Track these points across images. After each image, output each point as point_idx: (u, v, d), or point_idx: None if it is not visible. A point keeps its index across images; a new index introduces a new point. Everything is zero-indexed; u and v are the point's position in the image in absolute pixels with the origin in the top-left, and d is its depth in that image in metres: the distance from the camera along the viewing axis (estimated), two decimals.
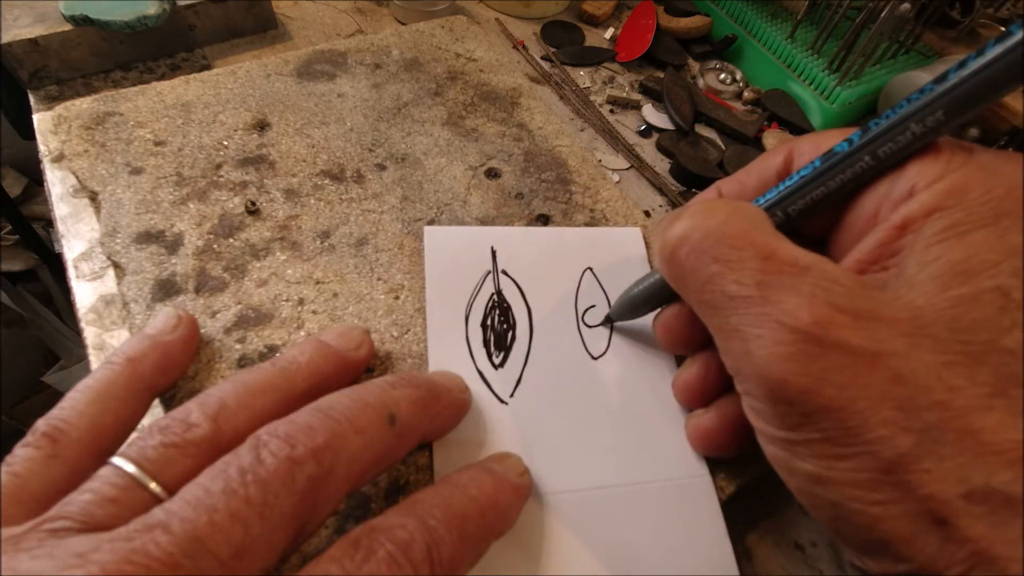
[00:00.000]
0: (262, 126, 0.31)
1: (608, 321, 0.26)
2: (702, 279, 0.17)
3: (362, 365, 0.22)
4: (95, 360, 0.24)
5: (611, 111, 0.42)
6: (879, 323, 0.14)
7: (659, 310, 0.23)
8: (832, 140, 0.18)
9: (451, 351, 0.24)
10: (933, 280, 0.15)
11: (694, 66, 0.47)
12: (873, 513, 0.14)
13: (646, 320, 0.26)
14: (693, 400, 0.23)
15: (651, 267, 0.28)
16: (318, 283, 0.26)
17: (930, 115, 0.16)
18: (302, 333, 0.24)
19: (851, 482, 0.14)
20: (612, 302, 0.26)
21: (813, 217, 0.19)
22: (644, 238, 0.29)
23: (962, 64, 0.15)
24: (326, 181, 0.29)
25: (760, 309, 0.15)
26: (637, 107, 0.42)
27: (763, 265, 0.16)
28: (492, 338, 0.25)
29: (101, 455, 0.17)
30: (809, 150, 0.20)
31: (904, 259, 0.16)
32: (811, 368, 0.14)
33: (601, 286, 0.27)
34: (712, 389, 0.22)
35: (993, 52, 0.15)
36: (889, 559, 0.14)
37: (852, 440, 0.14)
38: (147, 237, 0.26)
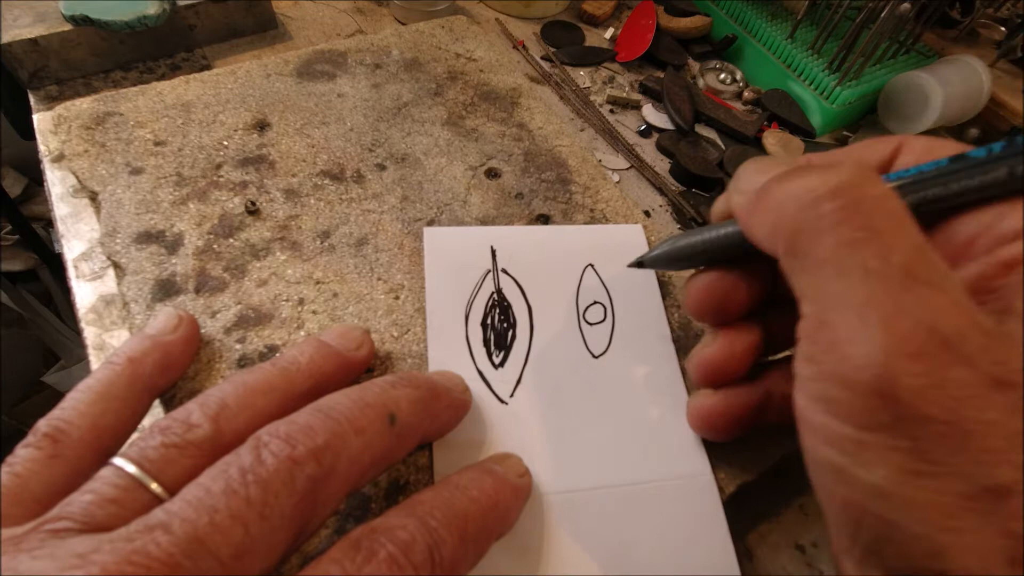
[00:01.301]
0: (262, 126, 0.31)
1: (639, 264, 0.25)
2: (842, 238, 0.15)
3: (362, 365, 0.22)
4: (95, 360, 0.24)
5: (611, 111, 0.42)
6: (1012, 352, 0.14)
7: (696, 270, 0.22)
8: (946, 149, 0.17)
9: (451, 351, 0.24)
10: None
11: (694, 66, 0.47)
12: (941, 540, 0.13)
13: (646, 319, 0.26)
14: (708, 378, 0.22)
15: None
16: (318, 283, 0.26)
17: None
18: (302, 333, 0.24)
19: (926, 503, 0.13)
20: (652, 257, 0.24)
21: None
22: (646, 236, 0.29)
23: None
24: (326, 181, 0.29)
25: (900, 295, 0.14)
26: (637, 107, 0.42)
27: (915, 253, 0.14)
28: (492, 337, 0.25)
29: (102, 455, 0.17)
30: (919, 151, 0.18)
31: (1011, 297, 0.15)
32: (935, 374, 0.13)
33: (603, 283, 0.27)
34: (732, 371, 0.21)
35: None
36: None
37: (945, 459, 0.13)
38: (147, 237, 0.26)
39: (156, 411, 0.21)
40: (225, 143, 0.30)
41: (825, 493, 0.16)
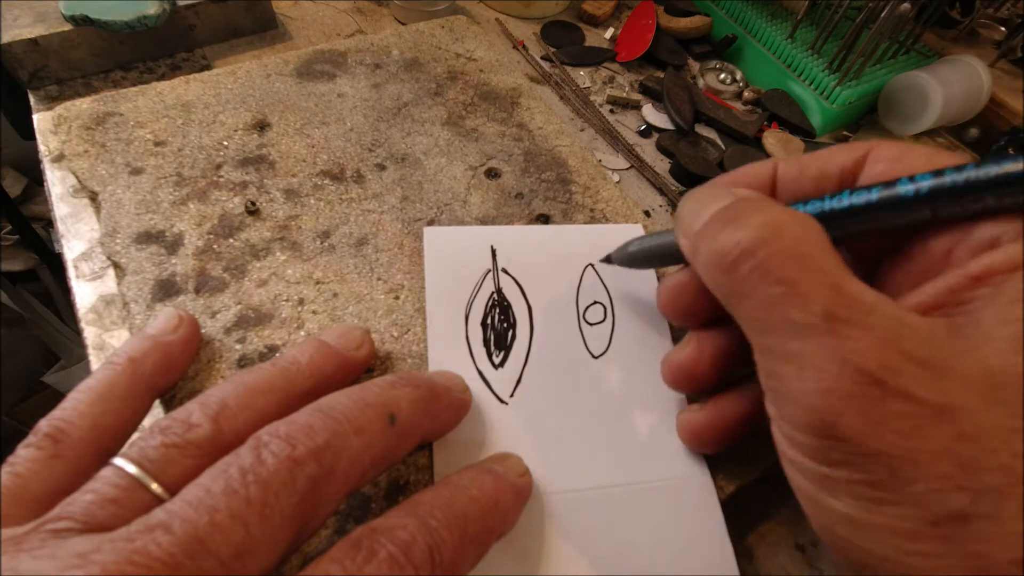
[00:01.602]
0: (262, 126, 0.31)
1: (607, 261, 0.26)
2: (763, 298, 0.16)
3: (362, 365, 0.22)
4: (95, 360, 0.24)
5: (611, 111, 0.42)
6: (950, 377, 0.14)
7: (665, 271, 0.23)
8: (914, 159, 0.17)
9: (451, 351, 0.24)
10: (1011, 340, 0.14)
11: (694, 66, 0.47)
12: (910, 563, 0.14)
13: (646, 319, 0.26)
14: (679, 381, 0.22)
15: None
16: (318, 283, 0.26)
17: (1010, 196, 0.15)
18: (302, 333, 0.24)
19: (891, 529, 0.14)
20: (616, 255, 0.26)
21: (861, 240, 0.18)
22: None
23: None
24: (326, 181, 0.29)
25: (825, 340, 0.14)
26: (637, 107, 0.42)
27: (832, 295, 0.15)
28: (492, 337, 0.25)
29: (103, 455, 0.17)
30: (885, 161, 0.18)
31: (980, 310, 0.15)
32: (871, 412, 0.14)
33: (603, 283, 0.27)
34: (703, 375, 0.22)
35: None
36: None
37: (901, 488, 0.14)
38: (147, 237, 0.26)
39: (156, 411, 0.21)
40: (225, 143, 0.30)
41: (811, 520, 0.16)
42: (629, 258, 0.25)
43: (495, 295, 0.26)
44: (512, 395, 0.23)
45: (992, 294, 0.15)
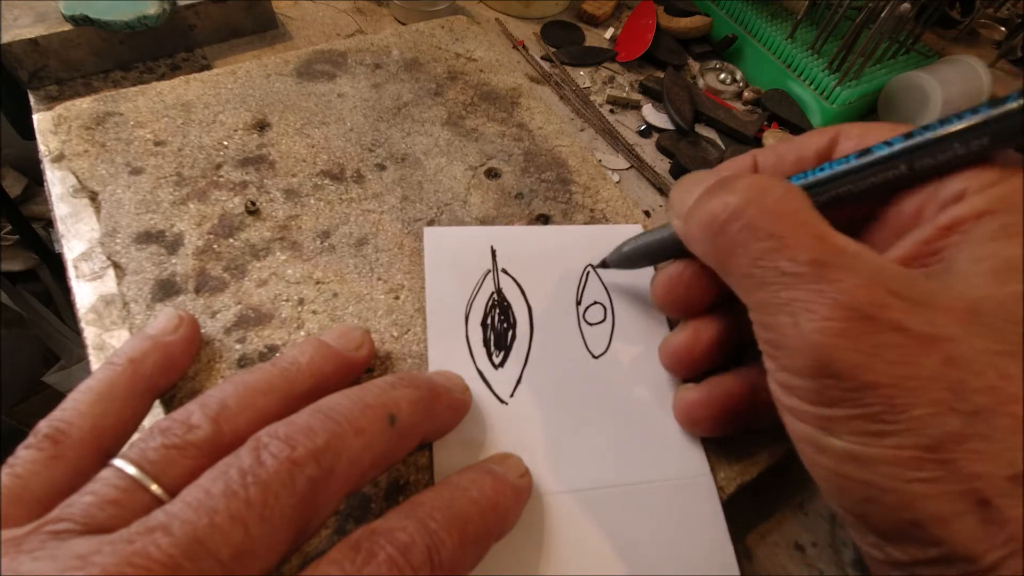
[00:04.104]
0: (262, 126, 0.31)
1: (603, 266, 0.27)
2: (753, 254, 0.17)
3: (363, 365, 0.22)
4: (95, 360, 0.24)
5: (611, 111, 0.42)
6: (935, 309, 0.15)
7: (657, 266, 0.24)
8: (881, 133, 0.18)
9: (451, 351, 0.24)
10: (988, 274, 0.15)
11: (694, 66, 0.47)
12: (911, 491, 0.14)
13: (646, 319, 0.26)
14: (677, 366, 0.23)
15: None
16: (318, 283, 0.26)
17: (976, 139, 0.16)
18: (302, 333, 0.24)
19: (890, 459, 0.14)
20: (610, 258, 0.26)
21: (840, 208, 0.19)
22: None
23: (1023, 92, 0.15)
24: (326, 181, 0.29)
25: (815, 286, 0.15)
26: (637, 107, 0.42)
27: (818, 245, 0.16)
28: (492, 337, 0.25)
29: (103, 456, 0.17)
30: (856, 138, 0.19)
31: (953, 255, 0.16)
32: (863, 344, 0.14)
33: (603, 283, 0.27)
34: (699, 358, 0.22)
35: None
36: (918, 544, 0.14)
37: (897, 417, 0.14)
38: (147, 237, 0.26)
39: (156, 411, 0.21)
40: (225, 143, 0.30)
41: (811, 466, 0.17)
42: (623, 258, 0.25)
43: (495, 295, 0.26)
44: (512, 395, 0.23)
45: (961, 240, 0.16)
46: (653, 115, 0.42)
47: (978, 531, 0.13)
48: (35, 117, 0.31)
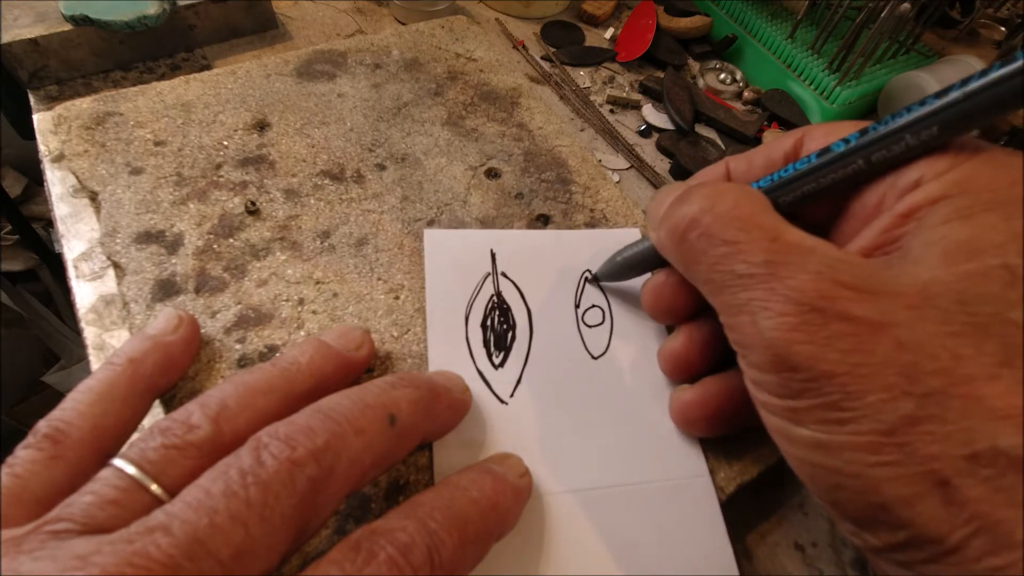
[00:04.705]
0: (262, 126, 0.31)
1: (595, 280, 0.27)
2: (712, 260, 0.18)
3: (363, 365, 0.22)
4: (95, 360, 0.24)
5: (611, 111, 0.42)
6: (884, 297, 0.15)
7: (647, 275, 0.24)
8: (844, 131, 0.19)
9: (451, 351, 0.24)
10: (939, 256, 0.15)
11: (694, 66, 0.47)
12: (873, 475, 0.14)
13: (645, 321, 0.26)
14: (675, 370, 0.24)
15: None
16: (318, 283, 0.26)
17: (925, 129, 0.16)
18: (302, 333, 0.24)
19: (852, 445, 0.15)
20: (600, 272, 0.27)
21: (809, 206, 0.20)
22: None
23: (964, 82, 0.16)
24: (326, 181, 0.29)
25: (768, 285, 0.16)
26: (637, 107, 0.42)
27: (771, 245, 0.17)
28: (492, 338, 0.25)
29: (102, 456, 0.17)
30: (820, 138, 0.20)
31: (908, 241, 0.16)
32: (816, 336, 0.15)
33: (601, 288, 0.27)
34: (695, 361, 0.23)
35: (995, 74, 0.15)
36: (887, 528, 0.15)
37: (854, 404, 0.15)
38: (147, 237, 0.26)
39: (156, 411, 0.21)
40: (225, 143, 0.30)
41: (787, 458, 0.17)
42: (611, 273, 0.26)
43: (495, 298, 0.26)
44: (512, 395, 0.23)
45: (917, 226, 0.16)
46: (653, 115, 0.42)
47: (940, 512, 0.14)
48: (35, 117, 0.31)
